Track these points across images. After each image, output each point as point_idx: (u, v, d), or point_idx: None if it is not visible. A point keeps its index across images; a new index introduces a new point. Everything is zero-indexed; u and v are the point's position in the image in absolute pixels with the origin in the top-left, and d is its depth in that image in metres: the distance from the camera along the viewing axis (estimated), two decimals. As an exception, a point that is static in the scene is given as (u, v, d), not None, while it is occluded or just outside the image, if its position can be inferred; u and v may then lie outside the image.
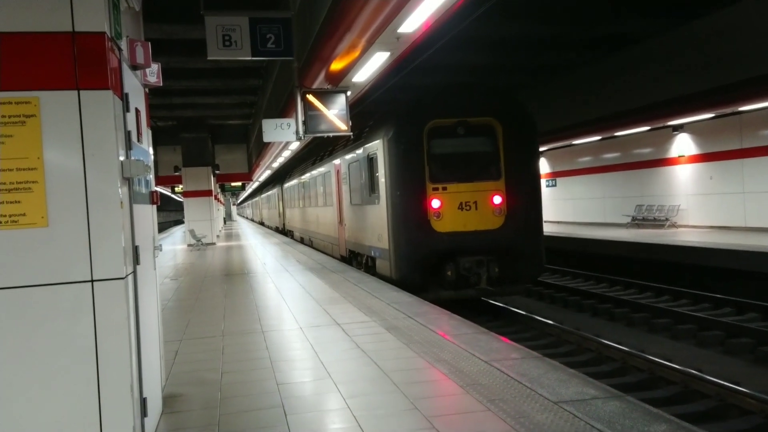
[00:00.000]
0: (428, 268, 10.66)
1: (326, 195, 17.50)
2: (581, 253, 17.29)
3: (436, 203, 10.60)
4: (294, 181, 25.35)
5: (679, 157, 18.55)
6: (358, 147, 13.15)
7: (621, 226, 20.51)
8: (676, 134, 18.43)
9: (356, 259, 14.22)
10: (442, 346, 5.68)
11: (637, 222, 19.95)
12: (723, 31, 12.86)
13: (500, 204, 10.70)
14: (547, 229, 21.97)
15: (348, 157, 14.14)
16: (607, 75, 16.62)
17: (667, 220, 18.70)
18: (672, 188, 18.94)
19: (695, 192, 18.05)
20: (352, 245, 14.38)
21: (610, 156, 21.92)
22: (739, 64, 12.41)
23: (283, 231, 31.97)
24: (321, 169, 18.21)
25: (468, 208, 10.68)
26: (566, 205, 25.01)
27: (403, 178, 10.74)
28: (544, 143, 20.94)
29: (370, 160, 12.10)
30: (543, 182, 26.84)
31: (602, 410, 3.85)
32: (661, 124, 16.72)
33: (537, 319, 10.37)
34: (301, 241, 23.74)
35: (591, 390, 4.25)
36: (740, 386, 6.48)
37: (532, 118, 11.15)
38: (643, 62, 15.21)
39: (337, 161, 15.69)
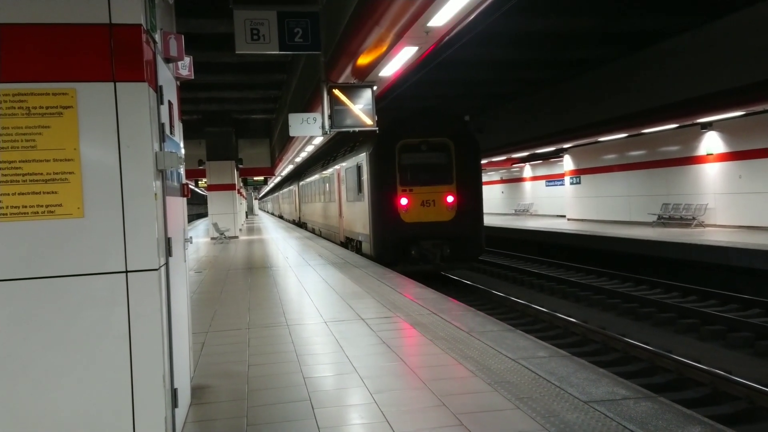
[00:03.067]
0: (398, 249, 14.12)
1: (331, 193, 20.88)
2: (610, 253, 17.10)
3: (404, 201, 14.09)
4: (308, 181, 29.20)
5: (708, 155, 18.24)
6: (351, 157, 16.73)
7: (646, 225, 20.24)
8: (705, 132, 18.11)
9: (350, 243, 17.47)
10: (467, 343, 5.65)
11: (664, 221, 19.67)
12: (753, 26, 12.58)
13: (452, 202, 14.17)
14: (570, 227, 21.78)
15: (345, 163, 17.67)
16: (634, 71, 16.37)
17: (694, 219, 18.41)
18: (699, 187, 18.64)
19: (723, 191, 17.74)
20: (347, 233, 17.91)
21: (637, 153, 21.62)
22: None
23: (299, 223, 35.34)
24: (328, 172, 21.62)
25: (428, 204, 14.14)
26: (590, 203, 24.75)
27: (380, 181, 14.27)
28: (569, 140, 20.73)
29: (359, 168, 15.61)
30: (567, 179, 26.61)
31: (634, 411, 3.79)
32: (689, 122, 16.43)
33: (563, 318, 10.28)
34: (313, 231, 27.18)
35: (622, 390, 4.19)
36: (772, 389, 6.36)
37: (476, 139, 14.74)
38: (671, 58, 14.95)
39: (338, 166, 18.95)
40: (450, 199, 14.17)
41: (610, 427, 3.55)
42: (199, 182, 29.21)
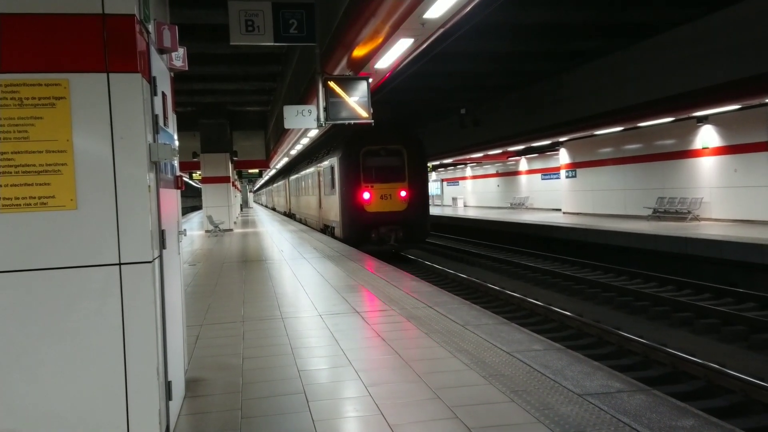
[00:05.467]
0: (361, 233, 17.64)
1: (313, 188, 24.71)
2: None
3: (366, 195, 17.70)
4: (295, 177, 33.44)
5: (703, 148, 18.27)
6: (326, 159, 20.68)
7: (642, 219, 20.29)
8: (701, 125, 18.13)
9: (327, 229, 21.22)
10: (462, 337, 5.65)
11: (659, 214, 19.72)
12: (749, 19, 12.58)
13: (405, 196, 17.92)
14: (566, 220, 21.81)
15: (323, 164, 21.51)
16: (631, 64, 16.35)
17: (689, 212, 18.46)
18: (695, 181, 18.67)
19: (718, 185, 17.78)
20: (325, 221, 21.77)
21: (632, 147, 21.64)
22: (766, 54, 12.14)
23: (289, 214, 38.93)
24: (310, 170, 25.50)
25: (386, 198, 17.80)
26: (586, 197, 24.78)
27: (348, 180, 17.89)
28: (564, 133, 20.71)
29: (332, 168, 19.38)
30: (562, 173, 26.65)
31: (628, 404, 3.80)
32: (685, 115, 16.44)
33: (558, 312, 10.30)
34: (300, 221, 30.91)
35: (616, 383, 4.20)
36: (765, 381, 6.39)
37: (423, 146, 18.66)
38: (668, 51, 14.94)
39: (318, 166, 22.70)
40: (403, 193, 17.91)
41: (605, 420, 3.56)
42: (194, 174, 29.12)
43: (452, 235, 27.99)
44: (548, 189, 30.91)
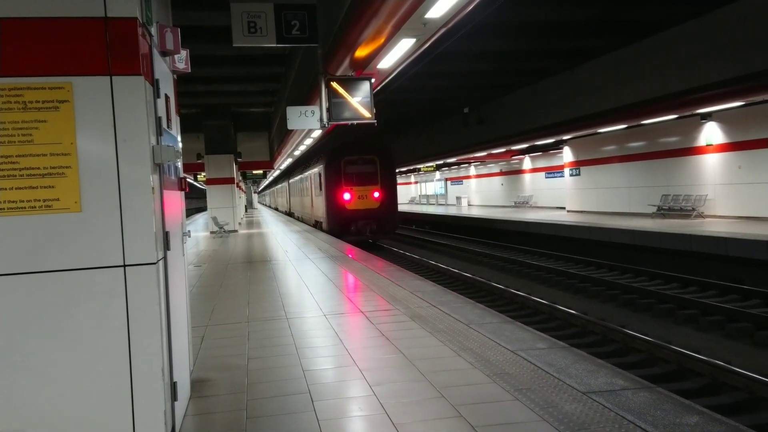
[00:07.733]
0: (343, 226, 21.87)
1: (307, 189, 29.10)
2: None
3: (347, 196, 22.04)
4: (292, 181, 38.78)
5: (707, 145, 18.22)
6: (315, 166, 25.06)
7: (646, 216, 20.25)
8: (704, 122, 18.08)
9: (317, 224, 25.36)
10: (467, 335, 5.66)
11: (663, 212, 19.67)
12: (754, 16, 12.53)
13: (378, 197, 22.24)
14: (570, 218, 21.76)
15: (313, 170, 25.79)
16: (634, 61, 16.31)
17: (693, 210, 18.42)
18: (699, 178, 18.63)
19: (723, 182, 17.73)
20: (315, 217, 26.09)
21: (636, 145, 21.60)
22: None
23: (289, 213, 43.42)
24: (304, 175, 30.05)
25: (363, 198, 22.14)
26: (590, 195, 24.74)
27: (332, 184, 22.17)
28: (566, 132, 20.67)
29: (320, 174, 23.52)
30: (566, 171, 26.61)
31: (632, 401, 3.80)
32: (689, 112, 16.39)
33: (562, 310, 10.29)
34: (297, 218, 35.10)
35: (620, 381, 4.20)
36: (770, 379, 6.37)
37: (392, 155, 23.05)
38: (671, 48, 14.89)
39: (311, 171, 26.76)
40: (376, 194, 22.19)
41: (609, 418, 3.56)
42: (198, 176, 29.20)
43: (456, 234, 27.98)
44: (552, 187, 30.87)
